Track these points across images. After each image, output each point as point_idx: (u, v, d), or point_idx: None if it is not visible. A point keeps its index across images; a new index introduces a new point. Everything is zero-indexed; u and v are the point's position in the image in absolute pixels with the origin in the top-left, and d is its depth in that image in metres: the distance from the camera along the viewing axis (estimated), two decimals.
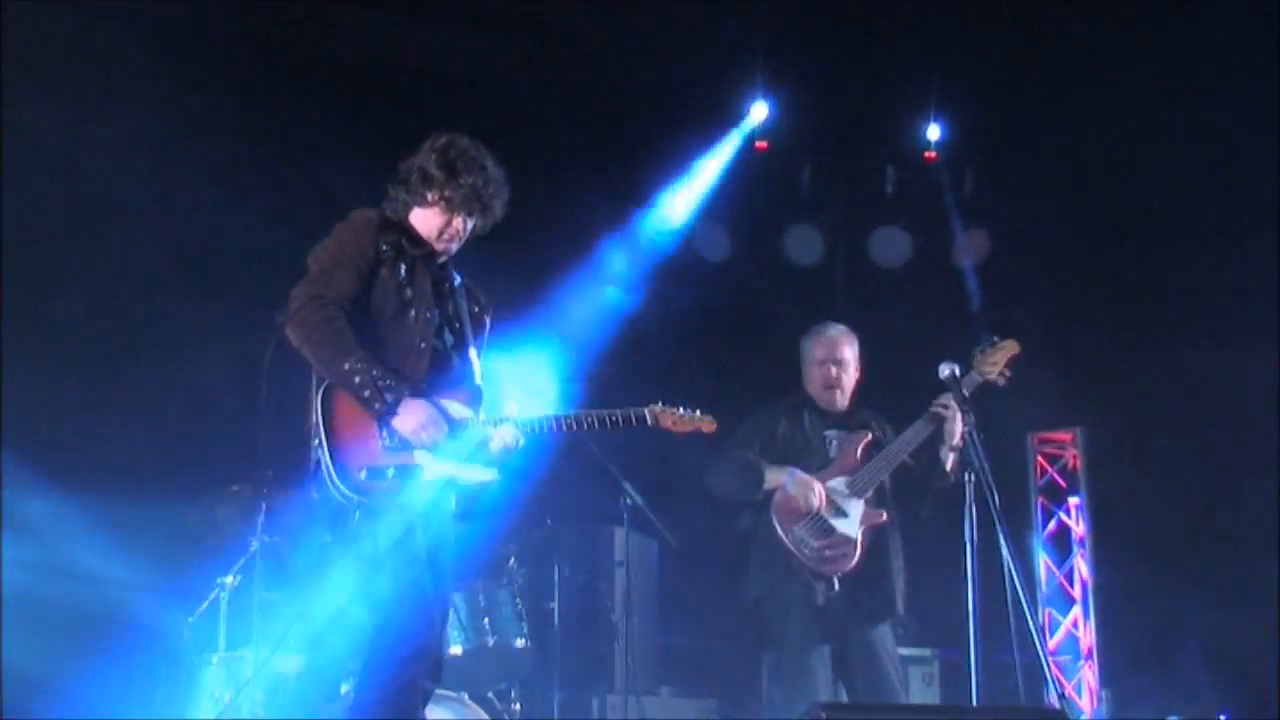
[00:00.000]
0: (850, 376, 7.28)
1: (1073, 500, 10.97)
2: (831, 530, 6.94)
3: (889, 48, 10.60)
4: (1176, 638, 10.22)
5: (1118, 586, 10.66)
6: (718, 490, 7.19)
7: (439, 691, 7.16)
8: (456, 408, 5.44)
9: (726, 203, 11.12)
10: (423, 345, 5.46)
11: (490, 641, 7.56)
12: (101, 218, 9.28)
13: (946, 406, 6.95)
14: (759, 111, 11.03)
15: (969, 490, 6.43)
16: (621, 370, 10.64)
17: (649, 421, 5.77)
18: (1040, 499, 11.05)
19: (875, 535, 7.06)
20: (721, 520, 9.53)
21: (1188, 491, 10.30)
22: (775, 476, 7.01)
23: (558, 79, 10.93)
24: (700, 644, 10.70)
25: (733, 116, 11.14)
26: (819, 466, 7.10)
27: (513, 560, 8.00)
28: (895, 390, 7.54)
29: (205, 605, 7.39)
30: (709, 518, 9.59)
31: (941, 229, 11.24)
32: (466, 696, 7.34)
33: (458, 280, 5.72)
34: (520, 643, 7.65)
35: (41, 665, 8.71)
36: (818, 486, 6.97)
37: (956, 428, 6.93)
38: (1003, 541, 6.21)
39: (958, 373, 6.72)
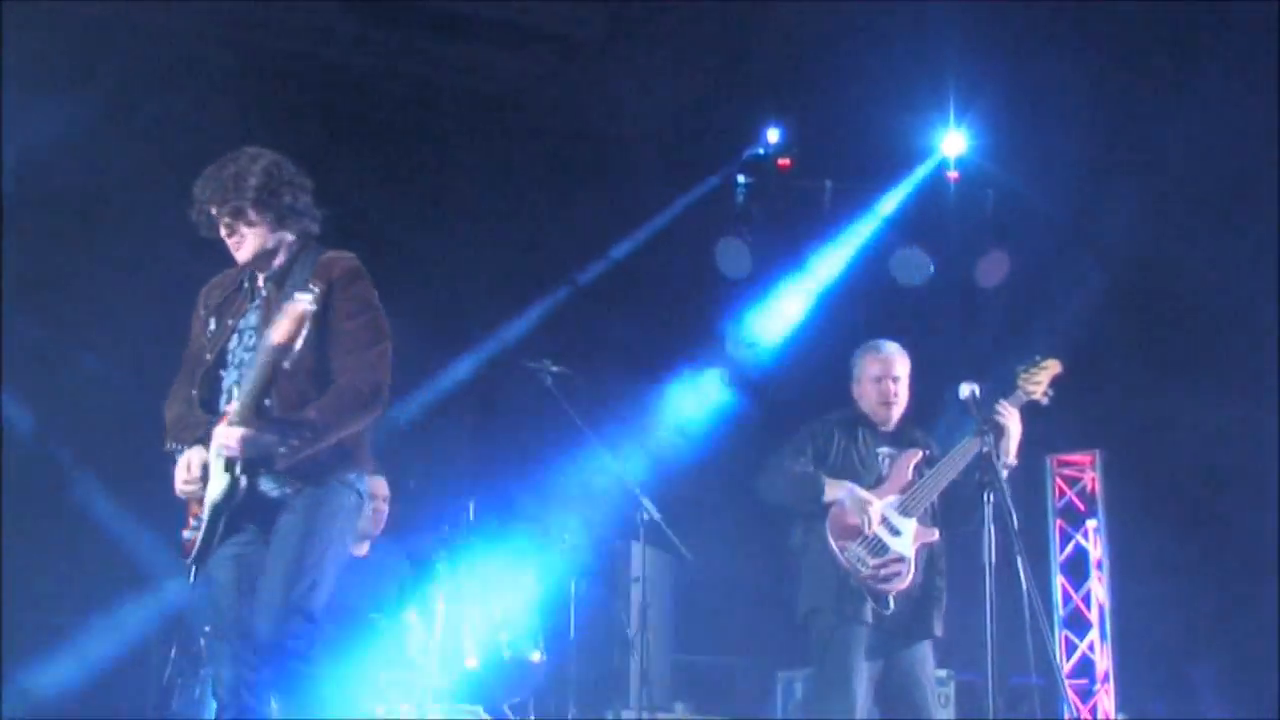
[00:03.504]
0: (904, 393, 7.27)
1: (1090, 523, 10.94)
2: (886, 549, 6.93)
3: (912, 65, 10.60)
4: (1193, 662, 10.18)
5: (1135, 610, 10.63)
6: (770, 498, 7.16)
7: (454, 704, 7.19)
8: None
9: (749, 221, 11.12)
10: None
11: (506, 655, 7.56)
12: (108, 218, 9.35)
13: (1002, 415, 6.93)
14: (772, 136, 11.04)
15: (988, 511, 6.43)
16: (644, 388, 10.68)
17: None
18: (1058, 521, 11.02)
19: (926, 554, 7.07)
20: (740, 537, 9.57)
21: (1205, 515, 10.27)
22: (833, 490, 6.99)
23: (571, 100, 10.98)
24: (715, 661, 10.70)
25: (750, 139, 11.16)
26: (873, 484, 7.09)
27: (529, 575, 8.00)
28: (915, 410, 7.52)
29: None
30: (727, 534, 9.64)
31: (963, 249, 11.23)
32: (481, 710, 7.34)
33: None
34: (536, 657, 7.65)
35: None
36: (875, 504, 6.98)
37: (1013, 443, 6.93)
38: (1020, 563, 6.21)
39: (978, 393, 6.71)
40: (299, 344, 5.08)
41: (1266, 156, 9.69)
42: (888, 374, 7.26)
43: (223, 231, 5.40)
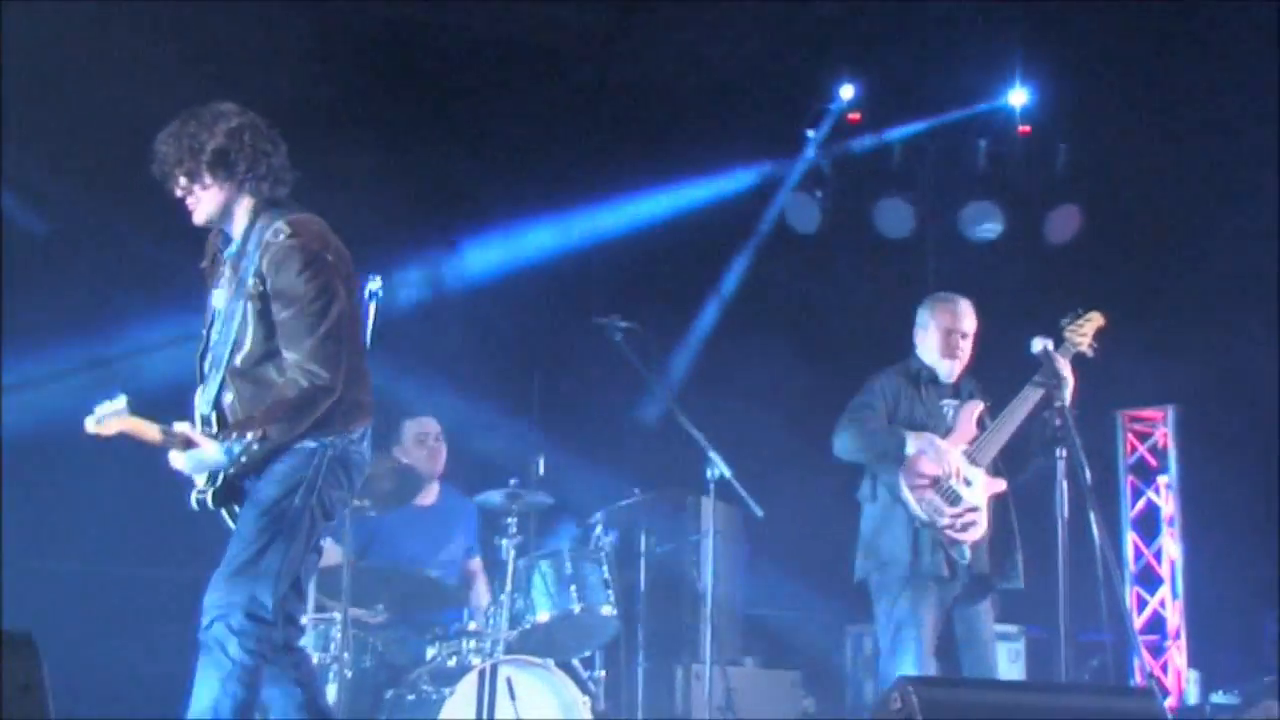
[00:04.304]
0: (969, 349, 7.26)
1: (1162, 479, 10.87)
2: (960, 498, 6.93)
3: (982, 18, 10.53)
4: (1265, 618, 10.12)
5: (1206, 566, 10.57)
6: (851, 455, 7.16)
7: (525, 657, 7.25)
8: None
9: (818, 175, 11.09)
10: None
11: (576, 609, 7.59)
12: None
13: (1062, 361, 6.94)
14: (846, 92, 10.99)
15: (1060, 466, 6.44)
16: (707, 342, 10.69)
17: None
18: (1129, 477, 10.96)
19: (996, 505, 7.06)
20: (810, 491, 9.58)
21: (1278, 470, 10.19)
22: (916, 443, 6.99)
23: (640, 53, 10.96)
24: (785, 615, 10.71)
25: (823, 95, 11.12)
26: (942, 436, 7.09)
27: (599, 529, 8.03)
28: (985, 366, 7.50)
29: None
30: (797, 489, 9.64)
31: (1034, 204, 11.16)
32: (552, 663, 7.38)
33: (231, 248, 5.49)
34: (606, 610, 7.68)
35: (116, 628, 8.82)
36: (954, 453, 6.98)
37: (1069, 392, 6.92)
38: (1093, 519, 6.20)
39: (1050, 347, 6.75)
40: (247, 344, 5.25)
41: None
42: (958, 328, 7.25)
43: (178, 191, 5.38)
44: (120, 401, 5.00)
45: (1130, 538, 10.86)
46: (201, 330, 5.52)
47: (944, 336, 7.25)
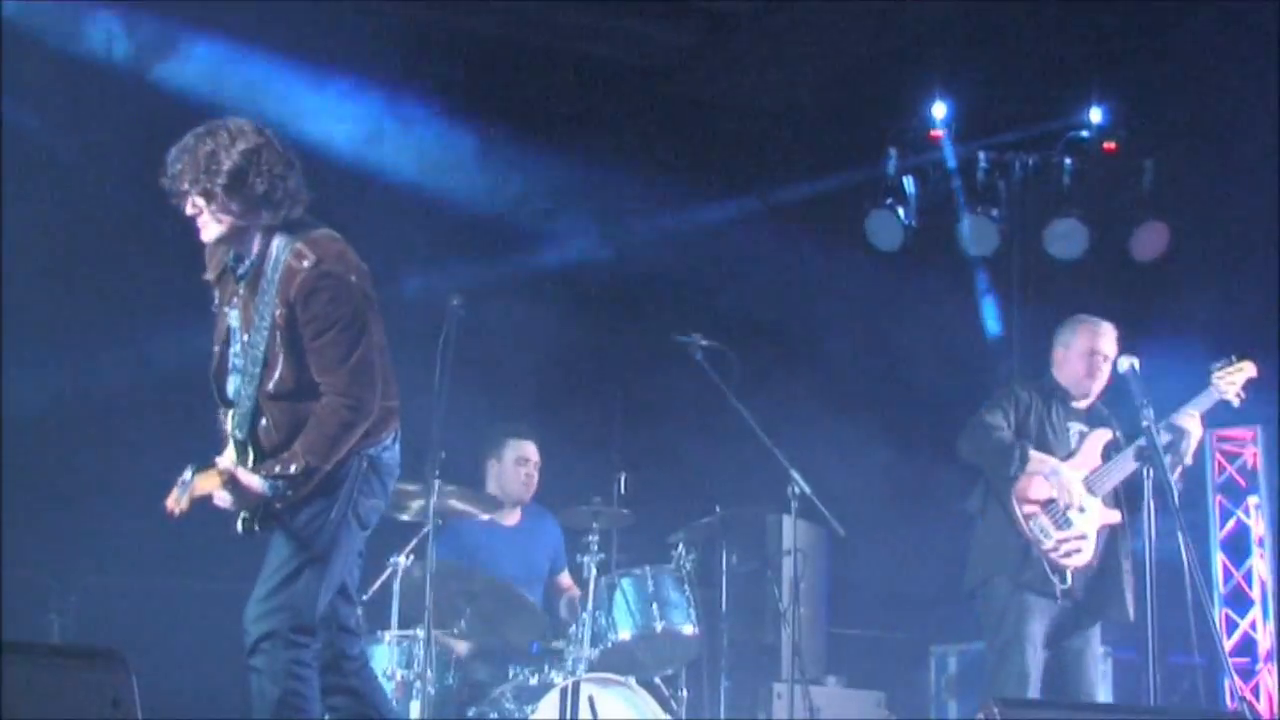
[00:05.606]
0: (1108, 372, 7.25)
1: (1251, 499, 10.73)
2: (1069, 523, 6.96)
3: (1064, 36, 10.47)
4: None
5: None
6: (971, 459, 7.21)
7: (607, 675, 7.24)
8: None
9: (900, 192, 11.03)
10: None
11: (659, 627, 7.58)
12: None
13: (1191, 416, 6.95)
14: (939, 111, 10.93)
15: (1147, 486, 6.39)
16: (786, 363, 10.65)
17: None
18: (1218, 498, 10.83)
19: (1108, 535, 7.04)
20: (893, 509, 9.55)
21: None
22: (1036, 464, 7.01)
23: (722, 72, 10.97)
24: (868, 635, 10.65)
25: (907, 113, 11.07)
26: (1063, 459, 7.12)
27: (681, 547, 8.01)
28: None
29: (378, 584, 7.47)
30: (879, 507, 9.60)
31: (1119, 222, 11.05)
32: (634, 681, 7.37)
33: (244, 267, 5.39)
34: (688, 629, 7.67)
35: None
36: (1075, 481, 6.98)
37: (1193, 444, 6.90)
38: (1181, 540, 6.14)
39: (1137, 366, 6.72)
40: (278, 370, 5.21)
41: None
42: (1099, 349, 7.31)
43: (189, 209, 5.25)
44: (187, 474, 5.12)
45: (1219, 559, 10.72)
46: (213, 347, 5.48)
47: (1087, 357, 7.32)
